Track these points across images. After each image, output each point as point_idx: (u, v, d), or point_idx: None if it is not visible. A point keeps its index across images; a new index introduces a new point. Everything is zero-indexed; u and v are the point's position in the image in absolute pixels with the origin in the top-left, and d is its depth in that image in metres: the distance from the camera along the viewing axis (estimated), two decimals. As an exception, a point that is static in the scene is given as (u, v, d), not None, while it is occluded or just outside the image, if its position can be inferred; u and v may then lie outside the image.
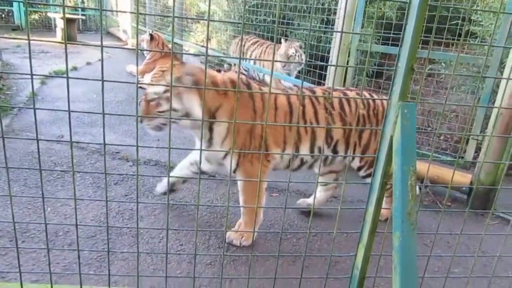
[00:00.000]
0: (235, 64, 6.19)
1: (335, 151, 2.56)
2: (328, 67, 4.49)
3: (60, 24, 9.90)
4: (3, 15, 11.72)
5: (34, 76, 1.33)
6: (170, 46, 5.77)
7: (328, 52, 4.69)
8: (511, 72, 3.02)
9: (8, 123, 4.04)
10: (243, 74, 6.17)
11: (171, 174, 2.92)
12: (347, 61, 4.21)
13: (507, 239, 2.33)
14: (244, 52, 5.95)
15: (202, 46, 7.63)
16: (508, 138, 3.05)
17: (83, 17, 12.89)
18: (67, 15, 9.92)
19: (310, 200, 2.96)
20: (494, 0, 4.53)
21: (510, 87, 2.96)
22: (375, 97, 2.65)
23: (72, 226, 2.28)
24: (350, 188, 3.35)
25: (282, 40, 5.26)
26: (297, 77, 5.42)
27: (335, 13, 4.69)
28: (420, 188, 2.85)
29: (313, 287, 2.13)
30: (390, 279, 1.41)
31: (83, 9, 13.31)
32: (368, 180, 2.68)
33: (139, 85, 2.10)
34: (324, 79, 4.68)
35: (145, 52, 6.20)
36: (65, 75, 1.33)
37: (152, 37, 5.61)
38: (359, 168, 2.72)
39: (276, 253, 1.68)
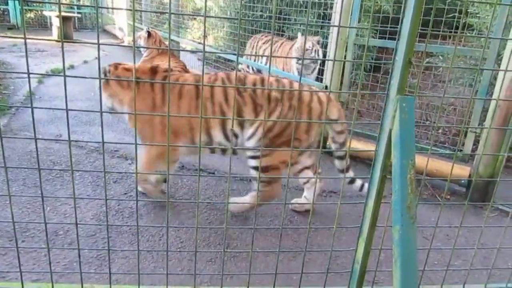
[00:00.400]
0: (248, 66, 6.10)
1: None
2: (326, 62, 4.48)
3: (56, 22, 9.85)
4: (-2, 14, 11.68)
5: (31, 75, 1.32)
6: (167, 43, 5.75)
7: (326, 47, 4.68)
8: (509, 64, 3.02)
9: (6, 122, 4.03)
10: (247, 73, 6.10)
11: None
12: (345, 56, 4.20)
13: (507, 231, 2.34)
14: (257, 51, 5.85)
15: (199, 43, 7.59)
16: (506, 130, 3.06)
17: (79, 15, 12.84)
18: (63, 14, 9.88)
19: (302, 200, 2.98)
20: (491, -8, 4.52)
21: (508, 79, 2.96)
22: (295, 84, 2.57)
23: (72, 225, 2.27)
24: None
25: (299, 34, 5.12)
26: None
27: (331, 8, 4.66)
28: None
29: (314, 282, 2.13)
30: (390, 272, 1.42)
31: (78, 7, 13.28)
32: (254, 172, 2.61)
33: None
34: (322, 74, 4.67)
35: (142, 49, 6.18)
36: (62, 74, 1.32)
37: (149, 34, 5.57)
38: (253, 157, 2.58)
39: (277, 249, 1.68)
